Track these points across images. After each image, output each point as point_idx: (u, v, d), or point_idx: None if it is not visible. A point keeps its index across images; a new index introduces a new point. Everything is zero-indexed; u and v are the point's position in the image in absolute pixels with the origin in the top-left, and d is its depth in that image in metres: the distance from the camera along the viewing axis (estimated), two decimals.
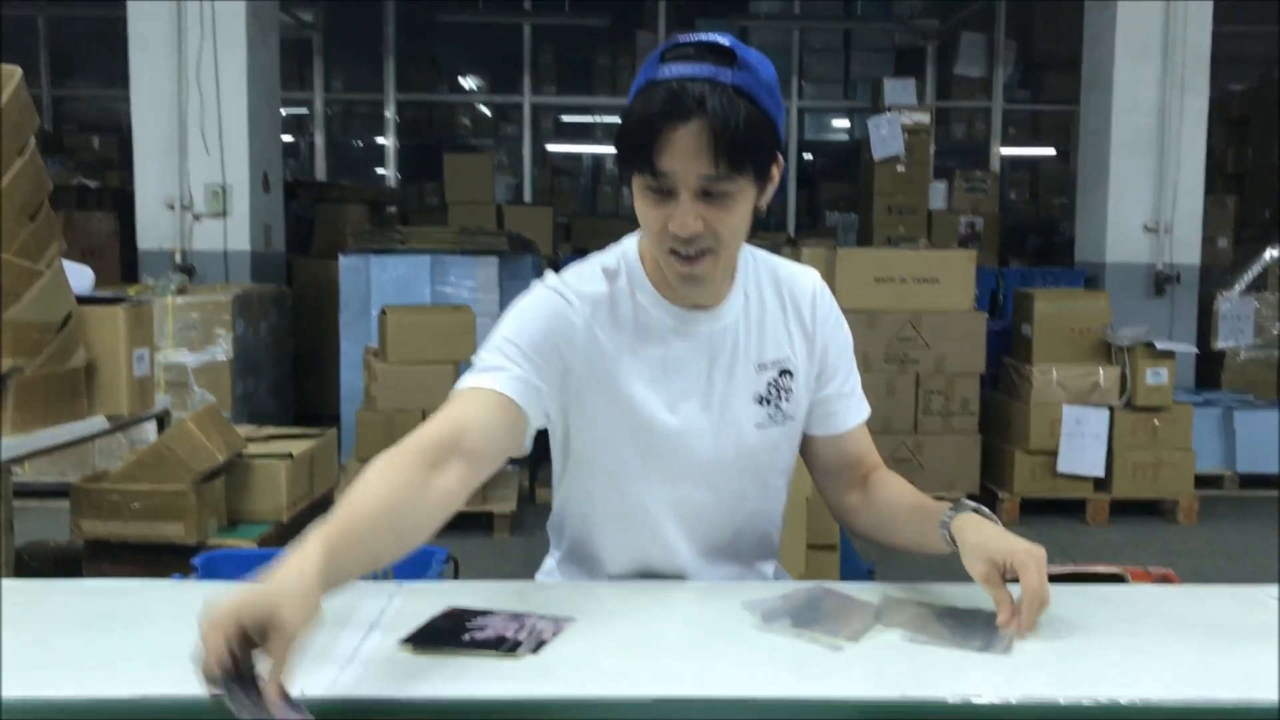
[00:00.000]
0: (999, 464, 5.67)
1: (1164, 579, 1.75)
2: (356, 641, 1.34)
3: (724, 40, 1.44)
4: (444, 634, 1.37)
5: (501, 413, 1.49)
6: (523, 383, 1.50)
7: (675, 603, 1.53)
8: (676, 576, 1.68)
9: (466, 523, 5.15)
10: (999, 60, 10.25)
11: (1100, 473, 5.49)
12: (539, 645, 1.33)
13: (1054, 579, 1.50)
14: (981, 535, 1.43)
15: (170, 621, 1.44)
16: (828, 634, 1.37)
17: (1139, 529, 5.45)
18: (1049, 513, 5.55)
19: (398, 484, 1.35)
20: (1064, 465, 5.49)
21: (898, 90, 8.38)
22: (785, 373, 1.63)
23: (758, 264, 1.66)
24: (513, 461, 5.87)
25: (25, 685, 1.20)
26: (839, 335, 1.69)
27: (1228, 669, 1.30)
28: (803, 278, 1.69)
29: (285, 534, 3.07)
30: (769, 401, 1.62)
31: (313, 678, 1.22)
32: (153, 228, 6.56)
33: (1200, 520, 5.54)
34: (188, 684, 1.20)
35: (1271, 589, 1.58)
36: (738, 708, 1.18)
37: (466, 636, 1.36)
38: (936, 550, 1.52)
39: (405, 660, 1.30)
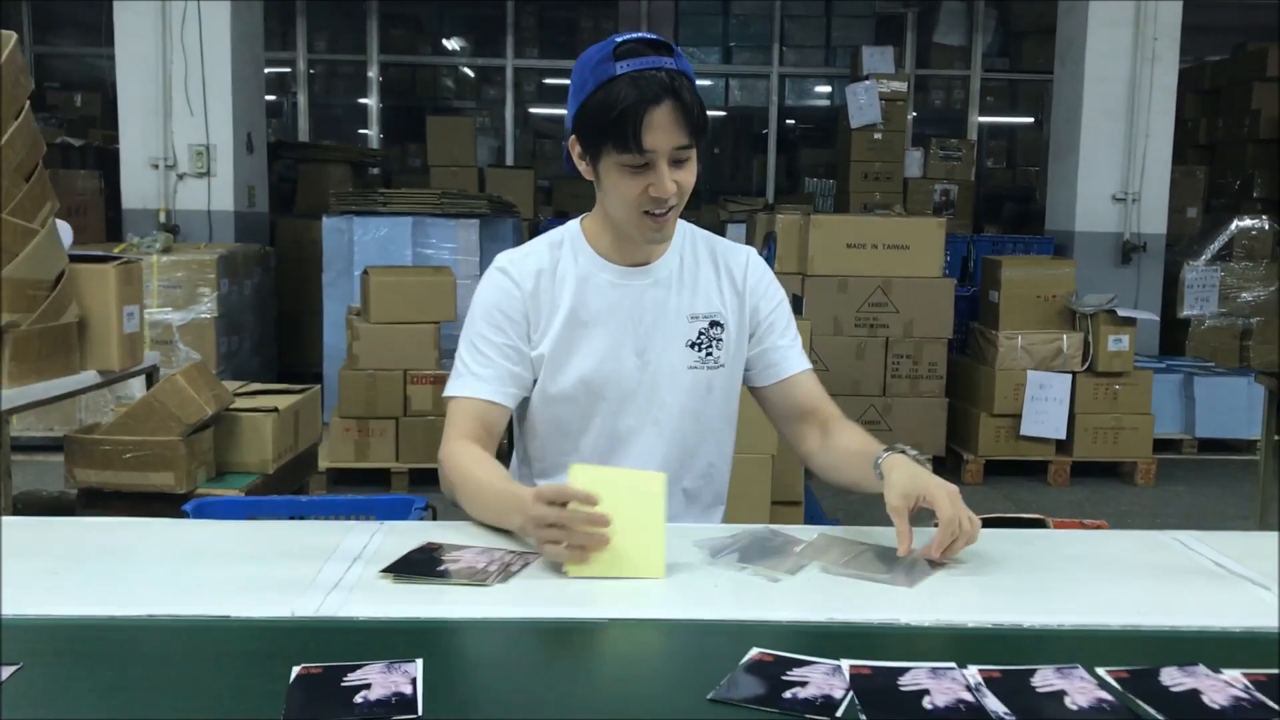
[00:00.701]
0: (964, 426, 5.83)
1: (1097, 529, 1.90)
2: (341, 571, 1.48)
3: (656, 36, 1.71)
4: (421, 565, 1.51)
5: (497, 409, 1.84)
6: (501, 382, 1.83)
7: None
8: None
9: (435, 480, 5.28)
10: (978, 29, 10.34)
11: (1062, 435, 5.66)
12: (507, 576, 1.47)
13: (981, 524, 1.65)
14: (903, 473, 1.60)
15: (168, 553, 1.58)
16: (768, 568, 1.52)
17: (1098, 490, 5.63)
18: (1012, 474, 5.72)
19: (489, 456, 1.78)
20: (1027, 428, 5.65)
21: (876, 58, 8.48)
22: (716, 324, 1.88)
23: (695, 236, 1.94)
24: None
25: (38, 606, 1.33)
26: (770, 296, 1.94)
27: (1126, 599, 1.45)
28: (738, 250, 1.96)
29: (271, 485, 3.20)
30: (700, 347, 1.87)
31: (301, 600, 1.36)
32: (137, 187, 6.63)
33: (1157, 482, 5.72)
34: (187, 606, 1.35)
35: (1176, 533, 1.74)
36: (688, 628, 1.33)
37: (441, 567, 1.50)
38: (871, 488, 1.68)
39: (385, 587, 1.44)
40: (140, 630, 1.29)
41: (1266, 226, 7.53)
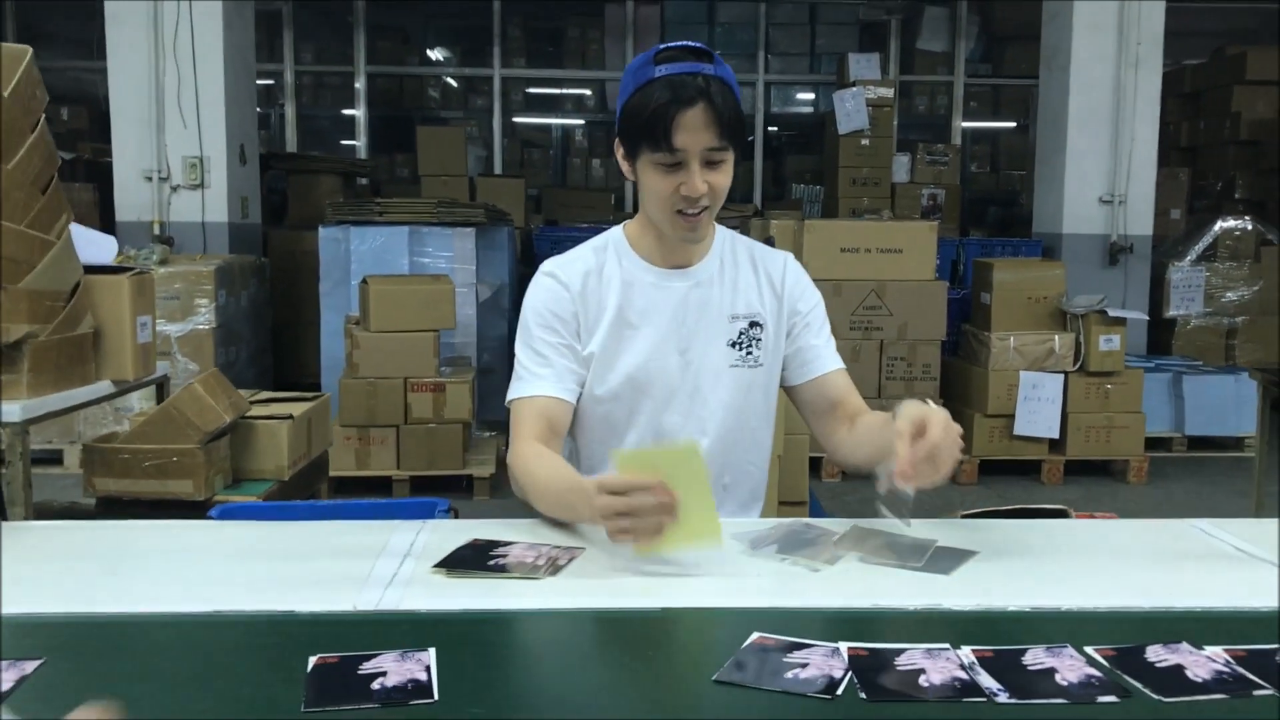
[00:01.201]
0: (959, 427, 5.88)
1: (1107, 519, 1.96)
2: (395, 567, 1.52)
3: (699, 45, 1.79)
4: (471, 560, 1.55)
5: (560, 404, 1.89)
6: (561, 379, 1.88)
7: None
8: None
9: (449, 484, 5.33)
10: (961, 35, 10.43)
11: (1055, 435, 5.74)
12: (556, 569, 1.52)
13: (1003, 515, 1.71)
14: (914, 405, 1.64)
15: (222, 553, 1.62)
16: (807, 559, 1.57)
17: (1091, 488, 5.70)
18: (1007, 473, 5.80)
19: (554, 454, 1.83)
20: (1020, 428, 5.73)
21: (862, 65, 8.55)
22: (755, 324, 1.95)
23: (735, 241, 2.01)
24: (489, 428, 6.05)
25: (102, 604, 1.37)
26: (807, 298, 2.00)
27: (1158, 583, 1.51)
28: (776, 254, 2.03)
29: (286, 491, 3.24)
30: (740, 346, 1.93)
31: (361, 595, 1.41)
32: (131, 199, 6.64)
33: (1149, 480, 5.80)
34: (251, 602, 1.39)
35: (1198, 521, 1.80)
36: (737, 616, 1.37)
37: (491, 562, 1.54)
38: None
39: (440, 581, 1.48)
40: (203, 627, 1.32)
41: (1249, 227, 7.64)
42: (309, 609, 1.36)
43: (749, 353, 1.93)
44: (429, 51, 11.35)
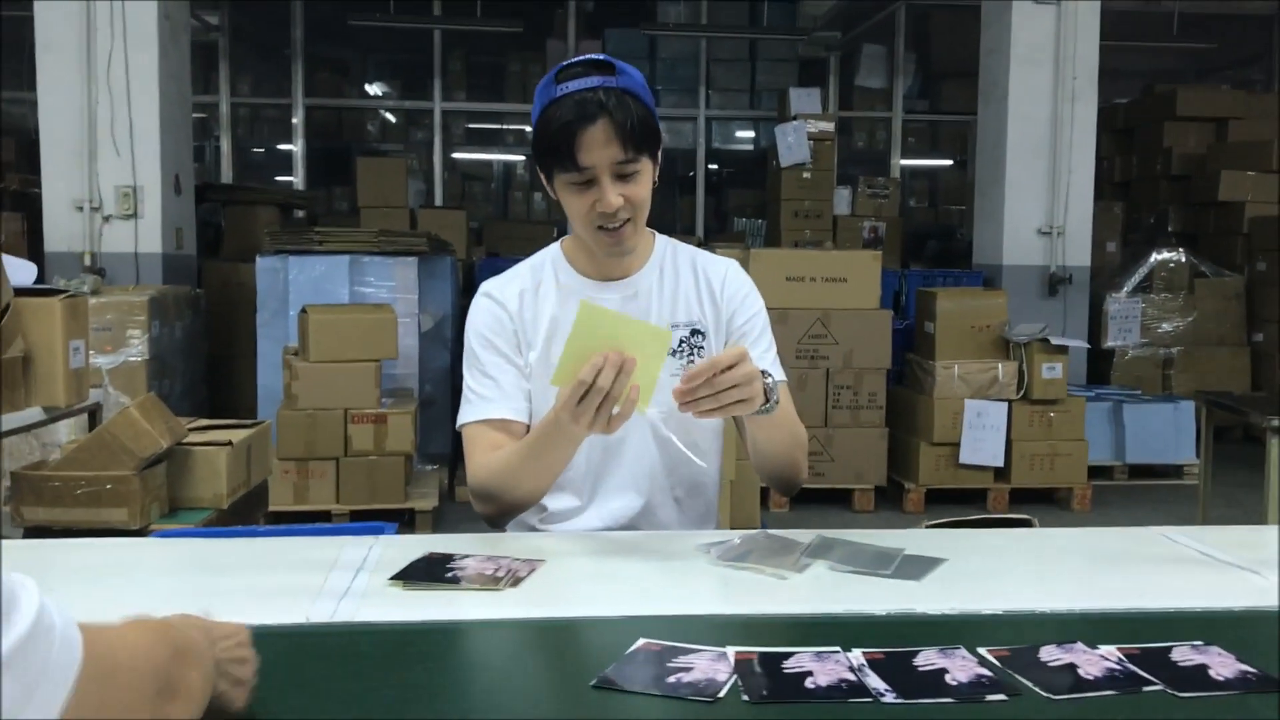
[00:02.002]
0: (905, 456, 5.91)
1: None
2: (348, 580, 1.45)
3: (601, 56, 1.76)
4: (428, 572, 1.49)
5: (512, 424, 1.86)
6: (509, 398, 1.86)
7: (636, 545, 1.68)
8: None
9: (390, 519, 5.20)
10: (899, 72, 10.59)
11: (1000, 463, 5.76)
12: (517, 581, 1.46)
13: (970, 524, 1.68)
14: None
15: (166, 568, 1.54)
16: (774, 567, 1.52)
17: (1038, 516, 5.66)
18: (953, 502, 5.80)
19: None
20: (966, 456, 5.74)
21: (804, 99, 8.63)
22: (697, 332, 1.92)
23: (677, 249, 1.98)
24: (432, 460, 5.95)
25: None
26: (746, 307, 1.96)
27: (1125, 586, 1.48)
28: (718, 262, 2.00)
29: (226, 520, 3.12)
30: (681, 355, 1.91)
31: (315, 607, 1.33)
32: (61, 229, 6.48)
33: (1093, 507, 5.84)
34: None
35: (1163, 528, 1.78)
36: (708, 623, 1.32)
37: (449, 574, 1.48)
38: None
39: (396, 593, 1.41)
40: None
41: (1183, 259, 7.80)
42: (259, 622, 1.28)
43: (691, 360, 1.89)
44: (368, 85, 11.28)
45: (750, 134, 11.36)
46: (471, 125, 11.10)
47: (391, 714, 1.05)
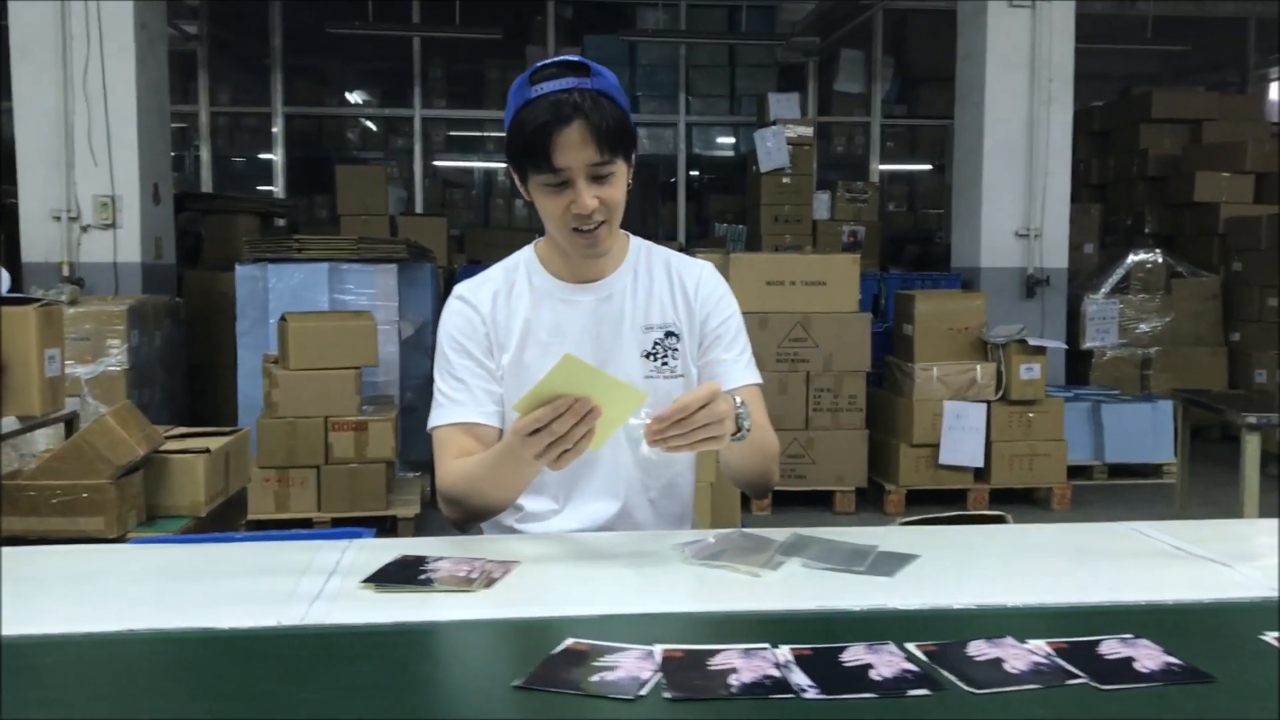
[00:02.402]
0: (885, 457, 5.92)
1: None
2: (320, 584, 1.45)
3: (575, 58, 1.76)
4: (401, 574, 1.49)
5: (482, 428, 1.85)
6: (479, 402, 1.85)
7: (611, 546, 1.68)
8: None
9: (372, 526, 5.19)
10: (877, 76, 10.63)
11: (980, 464, 5.78)
12: (491, 582, 1.46)
13: (944, 521, 1.69)
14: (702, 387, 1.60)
15: (139, 573, 1.53)
16: (748, 565, 1.53)
17: (1017, 516, 5.63)
18: (933, 503, 5.81)
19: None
20: (945, 457, 5.76)
21: (782, 104, 8.66)
22: (671, 334, 1.92)
23: (651, 251, 1.98)
24: (413, 468, 5.94)
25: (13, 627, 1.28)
26: (720, 310, 1.95)
27: (1096, 580, 1.49)
28: (694, 264, 1.99)
29: (204, 528, 3.11)
30: (655, 357, 1.90)
31: (286, 610, 1.33)
32: (39, 239, 6.45)
33: (1073, 507, 5.86)
34: (169, 620, 1.31)
35: (1135, 523, 1.79)
36: (683, 621, 1.33)
37: (423, 576, 1.48)
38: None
39: (369, 596, 1.41)
40: (120, 645, 1.24)
41: (1160, 260, 7.85)
42: (229, 625, 1.28)
43: (664, 363, 1.89)
44: (348, 92, 11.27)
45: (730, 139, 11.39)
46: (452, 132, 11.09)
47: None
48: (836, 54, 10.52)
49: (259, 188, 10.68)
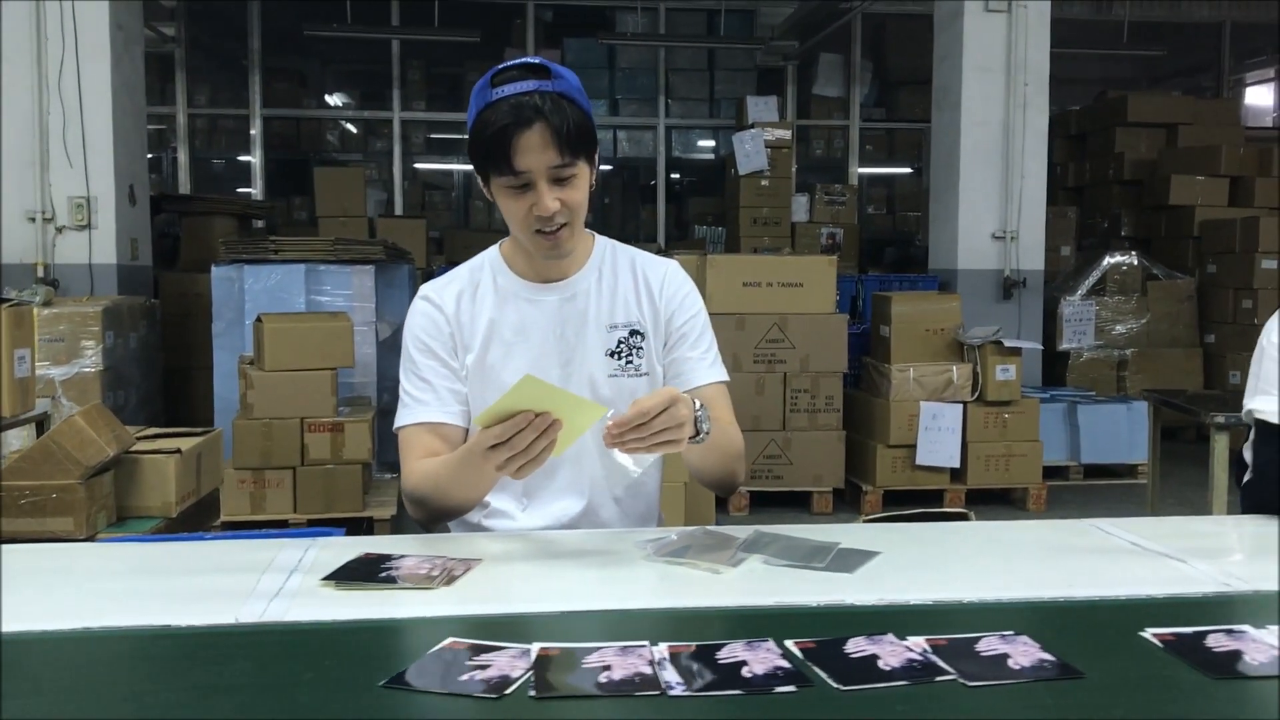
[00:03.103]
0: (862, 458, 5.94)
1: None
2: (280, 582, 1.45)
3: (536, 60, 1.76)
4: (362, 572, 1.49)
5: (447, 428, 1.86)
6: (444, 402, 1.86)
7: (574, 543, 1.69)
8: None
9: (348, 527, 5.18)
10: (855, 80, 10.66)
11: (956, 464, 5.81)
12: (451, 579, 1.46)
13: (908, 518, 1.70)
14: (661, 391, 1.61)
15: (98, 571, 1.53)
16: (709, 562, 1.54)
17: (993, 517, 5.70)
18: (909, 503, 5.83)
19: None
20: (922, 458, 5.79)
21: (761, 108, 8.68)
22: (636, 333, 1.92)
23: (616, 250, 1.99)
24: (389, 469, 5.93)
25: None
26: (685, 309, 1.96)
27: (1053, 576, 1.50)
28: (658, 263, 2.00)
29: (175, 529, 3.10)
30: (620, 355, 1.91)
31: (245, 607, 1.33)
32: (12, 241, 6.41)
33: (1048, 507, 5.89)
34: (125, 618, 1.30)
35: (1095, 520, 1.81)
36: (642, 618, 1.33)
37: (383, 574, 1.48)
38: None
39: (329, 593, 1.41)
40: (76, 643, 1.24)
41: (1135, 262, 7.90)
42: (187, 623, 1.28)
43: (629, 361, 1.90)
44: (327, 95, 11.24)
45: (710, 142, 11.40)
46: (432, 135, 11.07)
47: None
48: (815, 58, 10.55)
49: (237, 189, 10.63)
